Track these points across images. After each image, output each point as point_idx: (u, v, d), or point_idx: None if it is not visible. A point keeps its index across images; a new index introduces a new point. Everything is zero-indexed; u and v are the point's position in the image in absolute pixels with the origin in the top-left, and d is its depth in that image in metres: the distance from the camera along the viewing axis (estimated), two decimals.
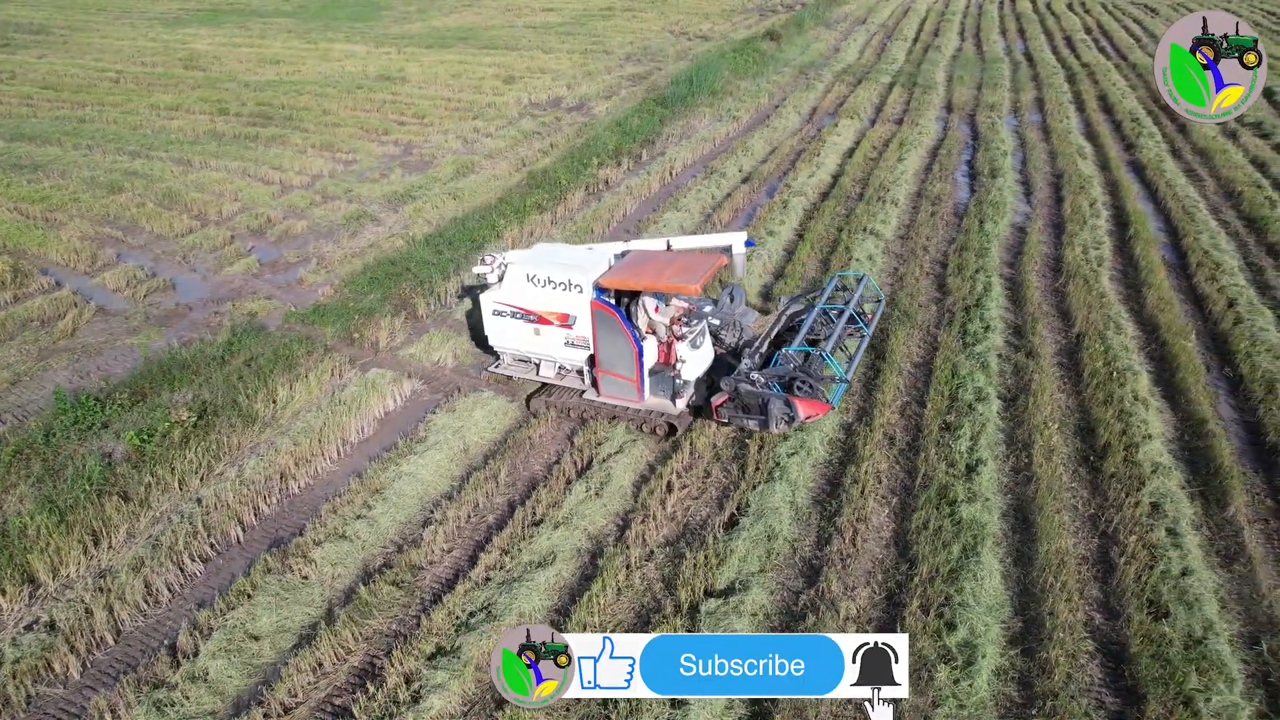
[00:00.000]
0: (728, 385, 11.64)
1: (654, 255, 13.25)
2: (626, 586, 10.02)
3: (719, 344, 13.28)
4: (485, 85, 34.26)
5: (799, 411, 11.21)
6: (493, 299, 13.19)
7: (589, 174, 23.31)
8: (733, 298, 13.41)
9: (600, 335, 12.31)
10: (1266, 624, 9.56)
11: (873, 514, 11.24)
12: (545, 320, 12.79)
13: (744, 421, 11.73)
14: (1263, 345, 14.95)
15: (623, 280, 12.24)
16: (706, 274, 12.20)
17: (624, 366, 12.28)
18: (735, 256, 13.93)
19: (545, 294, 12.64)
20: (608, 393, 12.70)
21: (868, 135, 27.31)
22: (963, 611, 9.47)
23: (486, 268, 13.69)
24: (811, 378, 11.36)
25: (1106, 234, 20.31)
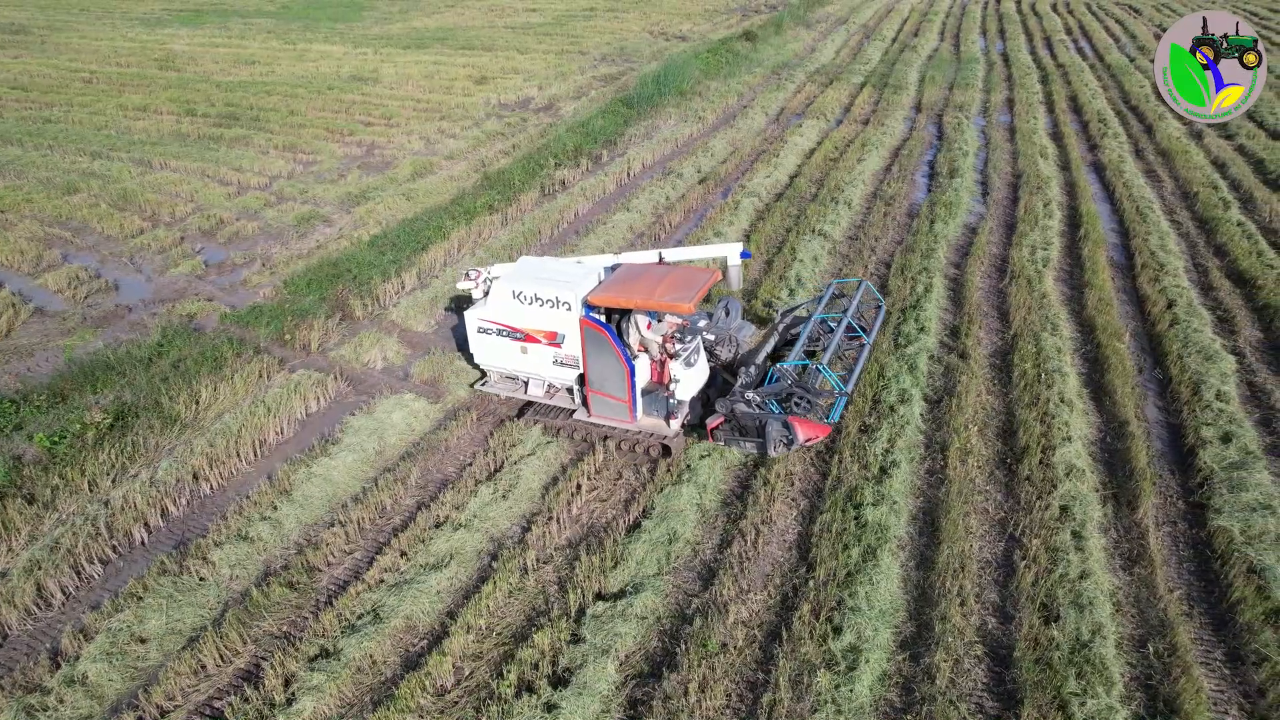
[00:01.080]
0: (723, 407, 11.03)
1: (646, 270, 12.54)
2: (519, 589, 9.98)
3: (714, 359, 12.74)
4: (457, 86, 34.23)
5: (798, 434, 10.56)
6: (477, 316, 12.66)
7: (545, 175, 23.27)
8: (728, 311, 12.91)
9: (590, 354, 11.75)
10: (1159, 626, 9.50)
11: (779, 516, 11.19)
12: (533, 339, 12.25)
13: (741, 445, 11.09)
14: (1194, 347, 14.90)
15: (613, 298, 11.56)
16: (701, 291, 11.55)
17: (615, 386, 11.70)
18: (730, 268, 13.39)
19: (532, 311, 12.08)
20: (599, 413, 12.12)
21: (831, 136, 27.26)
22: (853, 616, 9.42)
23: (471, 283, 13.25)
24: (809, 393, 10.70)
25: (1057, 234, 20.26)
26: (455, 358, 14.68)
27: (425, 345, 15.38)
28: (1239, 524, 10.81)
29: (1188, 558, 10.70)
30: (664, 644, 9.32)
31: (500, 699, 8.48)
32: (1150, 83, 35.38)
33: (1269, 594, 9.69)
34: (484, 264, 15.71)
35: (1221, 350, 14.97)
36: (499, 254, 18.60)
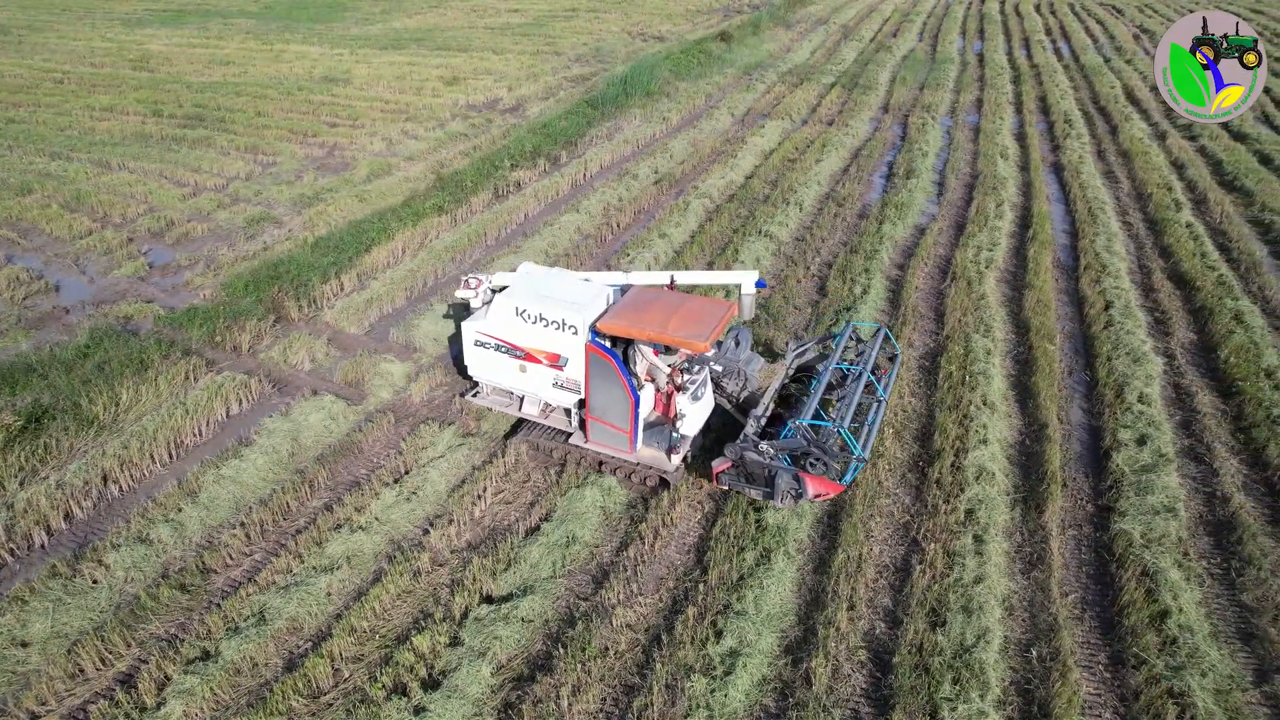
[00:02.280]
0: (732, 452, 10.42)
1: (658, 297, 11.76)
2: (408, 592, 9.96)
3: (720, 392, 12.01)
4: (427, 87, 34.18)
5: (808, 489, 10.04)
6: (476, 329, 12.04)
7: (500, 176, 23.25)
8: (738, 342, 12.13)
9: (594, 381, 11.13)
10: (1046, 630, 9.47)
11: (681, 519, 11.17)
12: (533, 358, 11.66)
13: (746, 490, 10.59)
14: (1124, 349, 14.86)
15: (624, 327, 10.98)
16: (717, 328, 10.91)
17: (617, 416, 11.10)
18: (743, 297, 12.66)
19: (535, 331, 11.47)
20: (596, 440, 11.48)
21: (792, 137, 27.21)
22: (737, 620, 9.39)
23: (470, 291, 12.67)
24: (826, 454, 9.99)
25: (1006, 236, 20.21)
26: (381, 359, 14.66)
27: (355, 347, 15.36)
28: (1140, 527, 10.78)
29: (1088, 561, 10.67)
30: (547, 647, 9.29)
31: (371, 702, 8.46)
32: (1121, 83, 35.38)
33: (1157, 597, 9.66)
34: (484, 270, 14.80)
35: (1151, 353, 14.94)
36: (440, 255, 18.59)
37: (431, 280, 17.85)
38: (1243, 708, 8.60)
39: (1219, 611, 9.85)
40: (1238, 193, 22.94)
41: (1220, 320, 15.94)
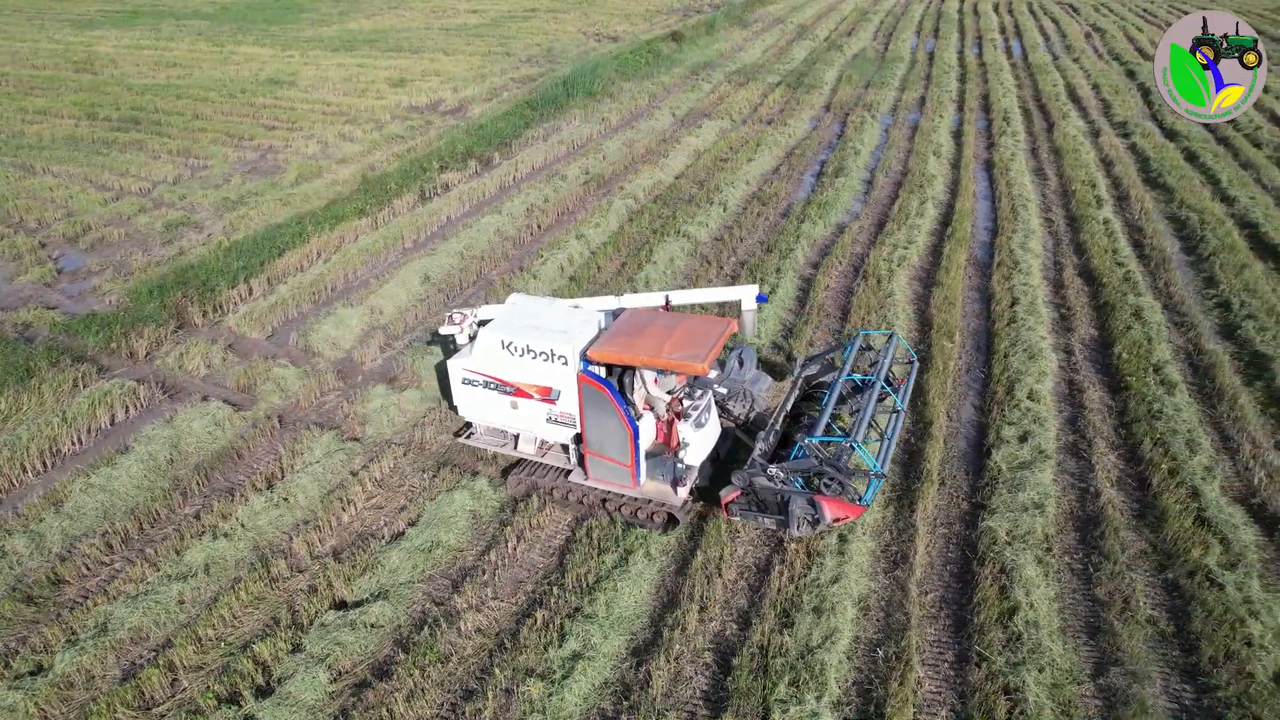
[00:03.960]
0: (740, 480, 9.80)
1: (651, 320, 11.12)
2: (261, 599, 9.86)
3: (726, 415, 11.40)
4: (373, 89, 34.02)
5: (826, 513, 9.41)
6: (462, 366, 11.41)
7: (427, 178, 23.13)
8: (742, 362, 11.55)
9: (589, 414, 10.50)
10: (898, 629, 9.47)
11: (550, 522, 11.12)
12: (524, 393, 11.01)
13: (759, 521, 9.98)
14: (1022, 345, 14.93)
15: (616, 354, 10.36)
16: (714, 348, 10.30)
17: (616, 450, 10.46)
18: (744, 314, 12.10)
19: (524, 364, 10.83)
20: (597, 476, 10.85)
21: (729, 136, 27.23)
22: (585, 623, 9.35)
23: (455, 327, 12.26)
24: (841, 473, 9.32)
25: (927, 233, 20.28)
26: (276, 365, 14.53)
27: (254, 353, 15.23)
28: (1007, 524, 10.81)
29: (954, 559, 10.68)
30: (393, 653, 9.22)
31: (200, 711, 8.36)
32: (1064, 81, 35.62)
33: (1009, 594, 9.69)
34: (470, 305, 13.96)
35: (1049, 349, 15.01)
36: (353, 259, 18.47)
37: (340, 284, 17.73)
38: (1075, 700, 8.63)
39: (1071, 607, 9.88)
40: (1160, 189, 23.13)
41: (1120, 316, 16.04)
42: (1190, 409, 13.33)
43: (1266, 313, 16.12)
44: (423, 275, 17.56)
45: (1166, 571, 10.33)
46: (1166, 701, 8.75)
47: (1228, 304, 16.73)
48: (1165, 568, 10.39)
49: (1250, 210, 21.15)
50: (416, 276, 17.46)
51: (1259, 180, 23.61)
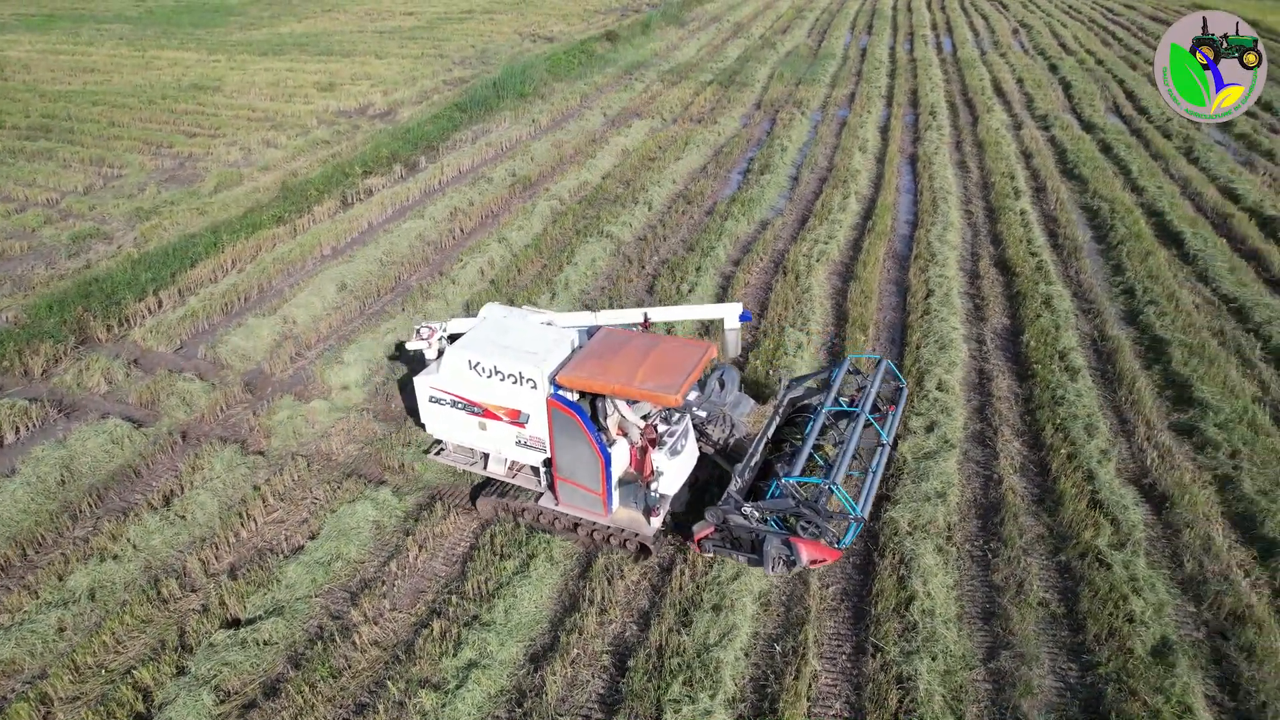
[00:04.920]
0: (714, 516, 9.46)
1: (626, 342, 10.57)
2: (148, 622, 9.56)
3: (705, 440, 10.95)
4: (300, 94, 33.33)
5: (802, 556, 9.07)
6: (429, 384, 10.98)
7: (350, 183, 22.75)
8: (723, 383, 11.10)
9: (559, 439, 10.11)
10: (798, 624, 9.53)
11: (454, 530, 10.98)
12: (492, 415, 10.62)
13: (732, 556, 9.68)
14: (934, 336, 15.16)
15: (586, 380, 9.90)
16: (691, 376, 9.86)
17: (587, 477, 10.06)
18: (727, 332, 11.59)
19: (492, 386, 10.42)
20: (568, 502, 10.51)
21: (658, 135, 27.25)
22: (483, 632, 9.24)
23: (423, 342, 11.82)
24: (819, 515, 8.98)
25: (849, 228, 20.53)
26: (181, 379, 14.14)
27: (161, 366, 14.79)
28: (909, 514, 10.95)
29: (858, 552, 10.78)
30: (285, 670, 9.01)
31: None
32: (991, 76, 36.37)
33: (907, 584, 9.82)
34: (439, 319, 13.44)
35: (960, 339, 15.28)
36: (268, 268, 18.06)
37: (254, 294, 17.33)
38: (966, 686, 8.78)
39: (969, 594, 10.06)
40: (1076, 180, 23.72)
41: (1031, 305, 16.40)
42: (1091, 394, 13.68)
43: (1167, 298, 16.61)
44: (339, 283, 17.24)
45: (1060, 554, 10.58)
46: (1053, 681, 8.94)
47: (1132, 290, 17.21)
48: (1059, 550, 10.64)
49: (1157, 200, 21.81)
50: (332, 284, 17.14)
51: (1167, 170, 24.35)
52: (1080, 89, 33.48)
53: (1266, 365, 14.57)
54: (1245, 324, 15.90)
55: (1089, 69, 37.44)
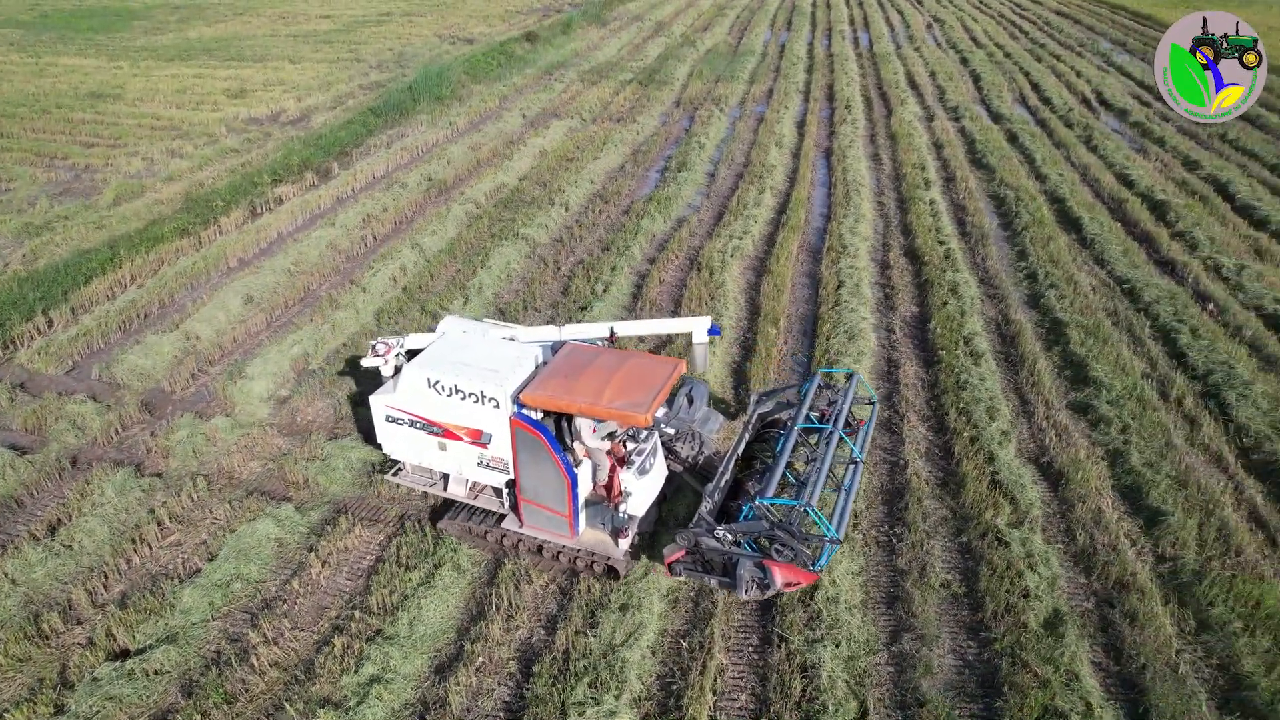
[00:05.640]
0: (685, 540, 9.12)
1: (592, 359, 10.21)
2: (24, 661, 9.11)
3: (673, 457, 10.68)
4: (209, 101, 32.29)
5: (776, 579, 8.76)
6: (385, 403, 10.50)
7: (260, 192, 22.11)
8: (691, 399, 10.75)
9: (523, 460, 9.73)
10: (705, 619, 9.57)
11: (360, 543, 10.75)
12: (453, 435, 10.21)
13: (705, 580, 9.32)
14: (843, 327, 15.41)
15: (551, 399, 9.56)
16: (660, 394, 9.55)
17: (552, 498, 9.71)
18: (695, 346, 11.23)
19: (452, 405, 10.01)
20: (532, 524, 10.12)
21: (576, 135, 27.17)
22: (386, 646, 9.06)
23: (379, 359, 11.28)
24: (794, 538, 8.71)
25: (764, 222, 20.75)
26: (71, 401, 13.53)
27: (50, 389, 14.13)
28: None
29: None
30: (177, 700, 8.69)
31: None
32: (905, 69, 37.22)
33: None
34: (398, 333, 12.92)
35: (869, 329, 15.58)
36: (170, 283, 17.43)
37: (155, 309, 16.70)
38: (869, 670, 8.93)
39: (874, 579, 10.24)
40: (984, 169, 24.43)
41: (938, 292, 16.81)
42: (994, 377, 14.08)
43: (1066, 282, 17.21)
44: (245, 295, 16.73)
45: (962, 535, 10.85)
46: (952, 660, 9.17)
47: (1035, 275, 17.78)
48: (961, 532, 10.91)
49: (1059, 187, 22.59)
50: (238, 297, 16.62)
51: (1068, 158, 25.26)
52: (989, 81, 34.50)
53: (1155, 343, 15.22)
54: (1136, 304, 16.58)
55: (998, 62, 38.61)
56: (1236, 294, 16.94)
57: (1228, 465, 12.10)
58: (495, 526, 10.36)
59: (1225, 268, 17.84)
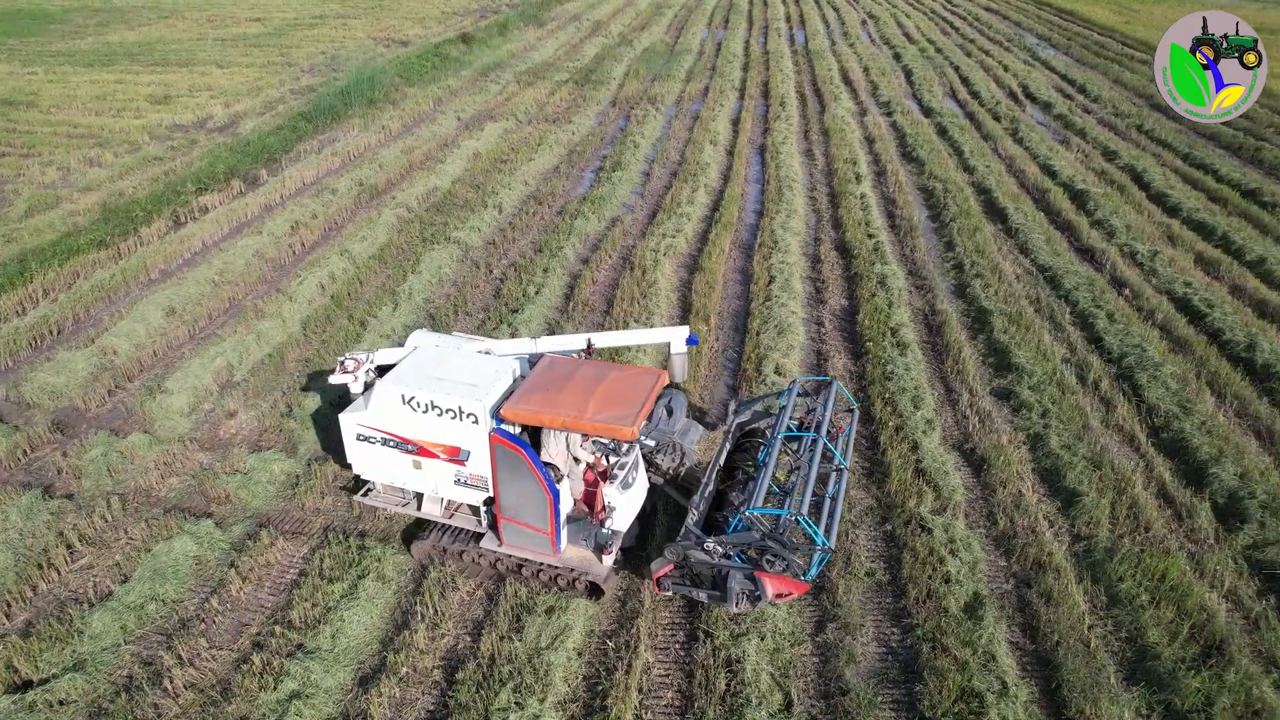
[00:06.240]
0: (673, 553, 8.91)
1: (572, 372, 9.94)
2: None
3: (654, 470, 10.46)
4: (130, 107, 31.31)
5: (767, 590, 8.64)
6: (356, 421, 10.10)
7: (183, 201, 21.51)
8: (670, 410, 10.48)
9: (503, 477, 9.46)
10: (632, 617, 9.56)
11: (282, 555, 10.52)
12: (429, 453, 9.89)
13: (694, 595, 9.13)
14: (773, 321, 15.56)
15: (533, 413, 9.30)
16: (646, 406, 9.35)
17: (534, 516, 9.45)
18: (674, 357, 11.05)
19: (428, 421, 9.69)
20: (512, 542, 9.82)
21: (511, 136, 26.99)
22: (306, 660, 8.87)
23: (348, 376, 10.73)
24: (785, 547, 8.47)
25: (698, 220, 20.86)
26: None
27: None
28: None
29: None
30: None
31: None
32: (839, 65, 37.76)
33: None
34: (367, 349, 12.49)
35: (799, 323, 15.76)
36: (84, 296, 16.84)
37: (69, 325, 16.12)
38: (794, 661, 9.03)
39: None
40: (914, 163, 24.90)
41: (867, 285, 17.08)
42: (919, 366, 14.36)
43: (991, 271, 17.63)
44: (166, 308, 16.24)
45: (887, 524, 11.03)
46: (875, 647, 9.31)
47: (961, 265, 18.18)
48: (886, 520, 11.09)
49: (986, 178, 23.14)
50: (159, 310, 16.13)
51: (995, 150, 25.90)
52: (920, 76, 35.20)
53: (1074, 328, 15.68)
54: (1057, 291, 17.05)
55: (929, 57, 39.43)
56: (1150, 279, 17.55)
57: (1139, 444, 12.51)
58: (473, 546, 10.06)
59: (1140, 254, 18.47)
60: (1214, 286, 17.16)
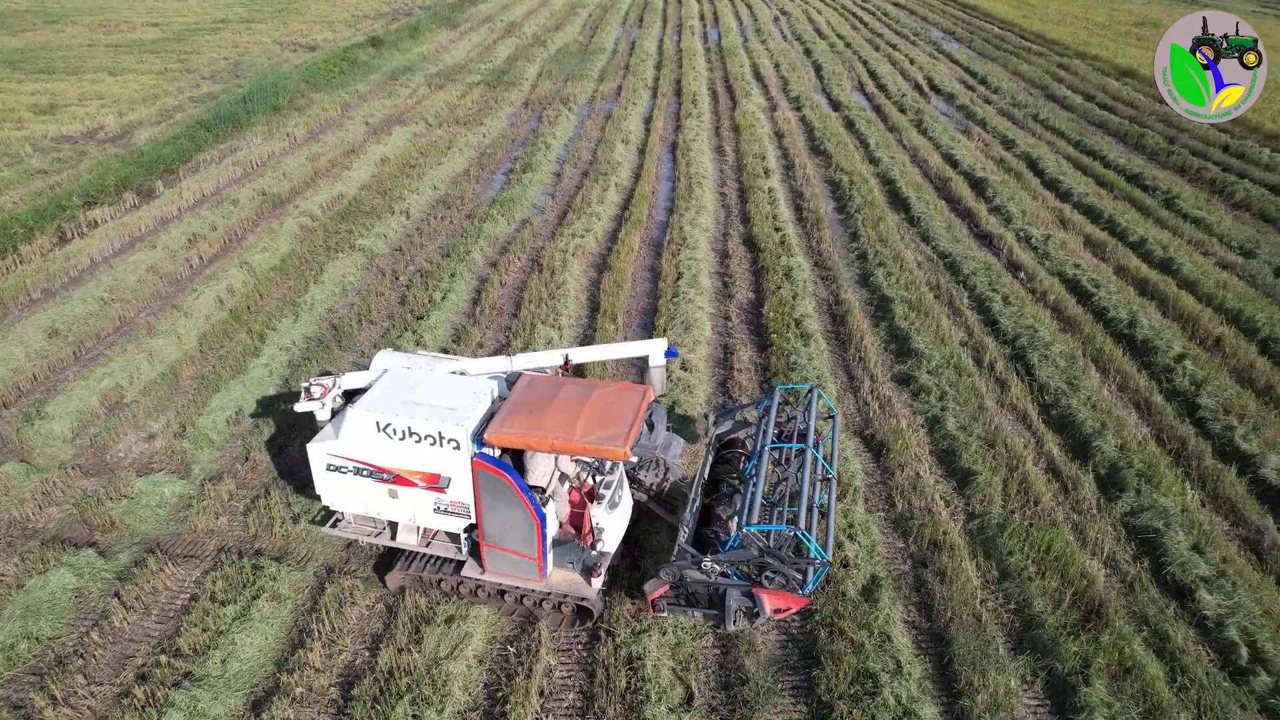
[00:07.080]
0: (669, 573, 8.57)
1: (555, 391, 9.49)
2: None
3: (637, 486, 10.22)
4: (11, 118, 29.73)
5: (766, 606, 8.42)
6: (326, 450, 9.57)
7: (69, 216, 20.53)
8: (652, 425, 10.20)
9: (486, 503, 9.04)
10: (532, 622, 9.48)
11: (171, 583, 10.10)
12: (406, 481, 9.40)
13: (689, 615, 8.86)
14: (680, 317, 15.64)
15: (518, 436, 8.88)
16: (635, 424, 8.95)
17: (520, 541, 9.05)
18: (653, 369, 10.85)
19: (405, 449, 9.21)
20: (496, 569, 9.38)
21: (420, 140, 26.55)
22: (195, 688, 8.56)
23: (315, 403, 10.16)
24: (784, 563, 8.24)
25: (608, 219, 20.85)
26: None
27: None
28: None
29: None
30: None
31: None
32: (751, 62, 38.22)
33: (639, 565, 10.02)
34: (331, 373, 11.79)
35: (706, 318, 15.88)
36: None
37: None
38: (695, 654, 9.09)
39: None
40: (822, 156, 25.37)
41: (773, 278, 17.31)
42: (823, 356, 14.61)
43: (893, 259, 18.07)
44: (48, 329, 15.47)
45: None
46: (775, 636, 9.43)
47: (865, 255, 18.59)
48: None
49: (891, 169, 23.71)
50: (40, 331, 15.35)
51: (900, 141, 26.56)
52: (830, 70, 35.88)
53: (971, 312, 16.18)
54: (957, 276, 17.58)
55: (839, 52, 40.23)
56: (1043, 262, 18.23)
57: (1031, 422, 12.98)
58: (453, 575, 9.67)
59: (1034, 238, 19.18)
60: (1100, 267, 17.92)
